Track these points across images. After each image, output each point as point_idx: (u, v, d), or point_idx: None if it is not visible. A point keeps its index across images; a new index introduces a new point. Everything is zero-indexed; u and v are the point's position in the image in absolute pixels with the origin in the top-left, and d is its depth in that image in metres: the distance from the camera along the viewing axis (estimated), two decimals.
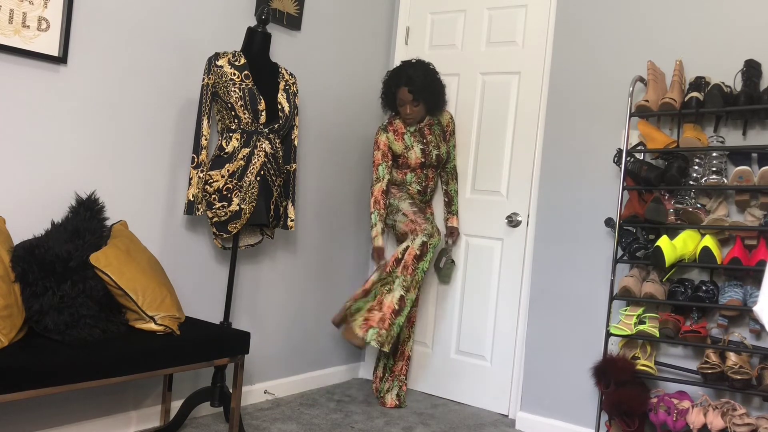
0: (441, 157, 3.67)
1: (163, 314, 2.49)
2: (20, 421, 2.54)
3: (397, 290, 3.39)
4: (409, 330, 3.73)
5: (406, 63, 3.59)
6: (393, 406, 3.62)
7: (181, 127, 3.05)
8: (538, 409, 3.49)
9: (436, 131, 3.68)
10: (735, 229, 2.88)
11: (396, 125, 3.65)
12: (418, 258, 3.48)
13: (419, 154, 3.61)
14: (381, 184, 3.59)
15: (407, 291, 3.40)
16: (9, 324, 2.13)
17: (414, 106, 3.54)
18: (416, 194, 3.70)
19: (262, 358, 3.54)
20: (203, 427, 3.06)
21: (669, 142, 3.03)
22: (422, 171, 3.67)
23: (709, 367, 2.82)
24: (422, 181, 3.68)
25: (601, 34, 3.43)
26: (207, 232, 3.19)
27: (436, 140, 3.66)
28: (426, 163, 3.65)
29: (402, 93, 3.53)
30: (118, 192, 2.82)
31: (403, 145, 3.61)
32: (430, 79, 3.54)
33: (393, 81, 3.57)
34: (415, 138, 3.63)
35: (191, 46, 3.06)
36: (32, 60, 2.50)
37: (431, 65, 3.60)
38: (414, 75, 3.50)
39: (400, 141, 3.62)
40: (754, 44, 3.03)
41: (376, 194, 3.58)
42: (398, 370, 3.70)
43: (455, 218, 3.84)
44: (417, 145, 3.62)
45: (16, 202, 2.49)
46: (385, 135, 3.62)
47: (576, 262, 3.42)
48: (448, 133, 3.74)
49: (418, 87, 3.49)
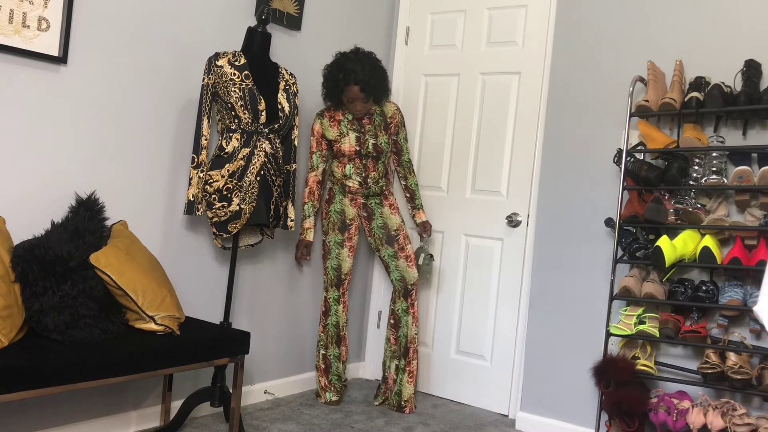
0: (379, 146, 3.53)
1: (163, 314, 2.49)
2: (20, 421, 2.54)
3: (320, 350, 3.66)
4: (415, 325, 3.62)
5: (348, 56, 3.41)
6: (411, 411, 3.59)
7: (181, 127, 3.05)
8: (538, 409, 3.49)
9: (377, 120, 3.56)
10: (735, 229, 2.88)
11: (333, 112, 3.55)
12: (325, 314, 3.65)
13: (353, 142, 3.51)
14: (316, 174, 3.58)
15: (326, 348, 3.63)
16: (9, 324, 2.13)
17: (364, 101, 3.44)
18: (357, 188, 3.58)
19: (262, 358, 3.54)
20: (203, 427, 3.06)
21: (669, 142, 3.03)
22: (360, 161, 3.55)
23: (709, 367, 2.82)
24: (361, 172, 3.56)
25: (601, 34, 3.43)
26: (207, 232, 3.19)
27: (375, 129, 3.55)
28: (362, 152, 3.53)
29: (352, 92, 3.38)
30: (118, 192, 2.82)
31: (337, 132, 3.52)
32: (377, 71, 3.42)
33: (340, 78, 3.38)
34: (352, 126, 3.53)
35: (191, 46, 3.06)
36: (32, 60, 2.50)
37: (372, 54, 3.46)
38: (361, 71, 3.35)
39: (336, 128, 3.53)
40: (754, 44, 3.03)
41: (310, 184, 3.57)
42: (413, 369, 3.61)
43: (421, 212, 3.76)
44: (352, 132, 3.52)
45: (16, 202, 2.49)
46: (320, 121, 3.55)
47: (576, 262, 3.42)
48: (393, 124, 3.61)
49: (369, 84, 3.37)
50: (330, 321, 3.62)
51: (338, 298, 3.62)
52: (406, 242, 3.62)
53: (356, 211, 3.64)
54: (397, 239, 3.61)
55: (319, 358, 3.64)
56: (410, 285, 3.61)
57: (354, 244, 3.64)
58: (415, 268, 3.61)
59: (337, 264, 3.59)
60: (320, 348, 3.63)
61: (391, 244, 3.61)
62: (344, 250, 3.60)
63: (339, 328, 3.64)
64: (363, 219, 3.66)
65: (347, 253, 3.61)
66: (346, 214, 3.60)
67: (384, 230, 3.62)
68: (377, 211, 3.63)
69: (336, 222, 3.59)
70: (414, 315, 3.63)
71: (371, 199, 3.64)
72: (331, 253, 3.59)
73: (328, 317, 3.62)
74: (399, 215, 3.65)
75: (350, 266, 3.63)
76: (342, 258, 3.60)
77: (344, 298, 3.65)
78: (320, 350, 3.63)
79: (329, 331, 3.62)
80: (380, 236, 3.63)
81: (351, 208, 3.62)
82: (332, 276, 3.60)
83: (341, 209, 3.60)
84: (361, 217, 3.65)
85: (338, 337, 3.65)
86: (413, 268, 3.60)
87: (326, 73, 3.47)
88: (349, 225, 3.61)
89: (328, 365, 3.63)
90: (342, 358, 3.67)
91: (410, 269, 3.60)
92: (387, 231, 3.62)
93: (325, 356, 3.62)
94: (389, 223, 3.62)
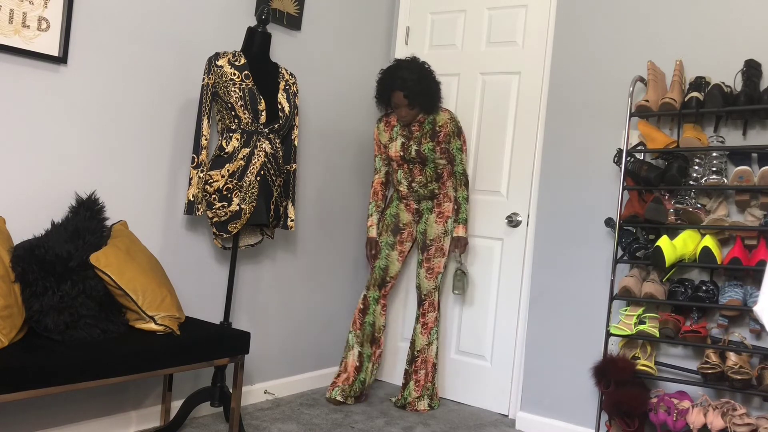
0: (422, 153, 3.56)
1: (163, 314, 2.49)
2: (20, 421, 2.54)
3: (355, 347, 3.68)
4: (427, 336, 3.63)
5: (400, 63, 3.51)
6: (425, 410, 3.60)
7: (181, 127, 3.05)
8: (538, 409, 3.49)
9: (426, 128, 3.59)
10: (735, 229, 2.88)
11: (390, 117, 3.69)
12: (362, 312, 3.67)
13: (398, 147, 3.60)
14: (378, 176, 3.74)
15: (361, 346, 3.66)
16: (9, 324, 2.13)
17: (409, 109, 3.49)
18: (406, 192, 3.66)
19: (262, 358, 3.54)
20: (203, 427, 3.06)
21: (669, 142, 3.03)
22: (407, 166, 3.63)
23: (709, 367, 2.82)
24: (408, 177, 3.64)
25: (601, 34, 3.43)
26: (207, 232, 3.19)
27: (421, 136, 3.59)
28: (405, 157, 3.59)
29: (396, 97, 3.46)
30: (118, 192, 2.82)
31: (388, 137, 3.66)
32: (425, 81, 3.48)
33: (387, 83, 3.48)
34: (402, 132, 3.63)
35: (191, 46, 3.06)
36: (32, 60, 2.50)
37: (426, 64, 3.52)
38: (408, 78, 3.41)
39: (388, 132, 3.67)
40: (754, 44, 3.03)
41: (375, 186, 3.75)
42: (423, 379, 3.62)
43: (460, 227, 3.63)
44: (400, 138, 3.62)
45: (16, 202, 2.49)
46: (377, 126, 3.72)
47: (576, 262, 3.42)
48: (443, 133, 3.58)
49: (413, 91, 3.42)
50: (367, 319, 3.66)
51: (378, 299, 3.68)
52: (436, 254, 3.62)
53: (411, 216, 3.70)
54: (429, 249, 3.63)
55: (348, 355, 3.66)
56: (423, 294, 3.64)
57: (405, 249, 3.70)
58: (432, 281, 3.62)
59: (385, 264, 3.67)
60: (354, 345, 3.65)
61: (423, 251, 3.66)
62: (394, 252, 3.68)
63: (375, 329, 3.68)
64: (415, 224, 3.71)
65: (396, 256, 3.68)
66: (401, 218, 3.70)
67: (423, 236, 3.67)
68: (425, 216, 3.68)
69: (389, 224, 3.70)
70: (424, 324, 3.64)
71: (423, 203, 3.68)
72: (381, 253, 3.67)
73: (365, 315, 3.66)
74: (444, 226, 3.64)
75: (397, 270, 3.70)
76: (391, 260, 3.67)
77: (384, 300, 3.70)
78: (354, 347, 3.65)
79: (365, 329, 3.66)
80: (420, 241, 3.69)
81: (406, 213, 3.70)
82: (377, 275, 3.67)
83: (396, 213, 3.71)
84: (414, 222, 3.71)
85: (373, 337, 3.68)
86: (431, 280, 3.62)
87: (379, 77, 3.59)
88: (402, 229, 3.69)
89: (360, 364, 3.65)
90: (372, 359, 3.68)
91: (427, 280, 3.62)
92: (424, 238, 3.66)
93: (360, 354, 3.65)
94: (428, 231, 3.65)
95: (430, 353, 3.63)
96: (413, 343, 3.65)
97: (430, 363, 3.63)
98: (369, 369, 3.67)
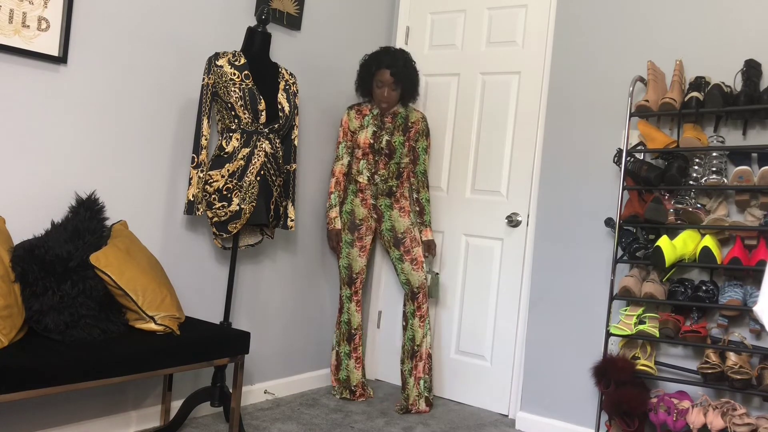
0: (392, 144, 3.58)
1: (163, 314, 2.49)
2: (20, 421, 2.54)
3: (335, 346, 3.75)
4: (422, 329, 3.63)
5: (387, 48, 3.59)
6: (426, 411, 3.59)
7: (181, 127, 3.05)
8: (538, 409, 3.49)
9: (399, 122, 3.63)
10: (735, 229, 2.88)
11: (362, 107, 3.69)
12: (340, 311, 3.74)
13: (369, 135, 3.60)
14: (341, 165, 3.68)
15: (339, 345, 3.72)
16: (9, 324, 2.13)
17: (392, 89, 3.55)
18: (366, 185, 3.64)
19: (262, 358, 3.54)
20: (203, 427, 3.06)
21: (669, 142, 3.03)
22: (373, 157, 3.62)
23: (709, 367, 2.82)
24: (371, 168, 3.63)
25: (601, 34, 3.43)
26: (207, 232, 3.19)
27: (393, 128, 3.62)
28: (375, 147, 3.60)
29: (382, 74, 3.52)
30: (118, 192, 2.82)
31: (359, 124, 3.65)
32: (410, 67, 3.59)
33: (373, 62, 3.55)
34: (374, 120, 3.63)
35: (191, 46, 3.06)
36: (32, 60, 2.50)
37: (409, 54, 3.62)
38: (398, 58, 3.53)
39: (359, 120, 3.66)
40: (754, 44, 3.03)
41: (336, 175, 3.68)
42: (422, 371, 3.62)
43: (428, 230, 3.71)
44: (372, 127, 3.62)
45: (16, 202, 2.49)
46: (347, 113, 3.70)
47: (576, 262, 3.42)
48: (414, 130, 3.65)
49: (400, 72, 3.51)
50: (343, 318, 3.71)
51: (350, 296, 3.69)
52: (413, 245, 3.63)
53: (367, 211, 3.68)
54: (404, 242, 3.63)
55: (332, 355, 3.74)
56: (416, 288, 3.63)
57: (366, 244, 3.69)
58: (421, 272, 3.62)
59: (347, 263, 3.68)
60: (334, 344, 3.72)
61: (398, 246, 3.64)
62: (354, 249, 3.66)
63: (350, 326, 3.68)
64: (374, 221, 3.70)
65: (357, 252, 3.67)
66: (356, 214, 3.67)
67: (392, 233, 3.66)
68: (386, 214, 3.67)
69: (346, 222, 3.68)
70: (422, 318, 3.63)
71: (381, 200, 3.67)
72: (342, 252, 3.68)
73: (341, 314, 3.71)
74: (409, 218, 3.66)
75: (362, 266, 3.69)
76: (352, 257, 3.66)
77: (357, 296, 3.71)
78: (334, 346, 3.72)
79: (342, 328, 3.71)
80: (389, 239, 3.68)
81: (362, 208, 3.67)
82: (344, 274, 3.69)
83: (351, 209, 3.68)
84: (372, 218, 3.69)
85: (349, 334, 3.68)
86: (418, 271, 3.62)
87: (362, 61, 3.62)
88: (359, 225, 3.67)
89: (338, 362, 3.70)
90: (353, 356, 3.69)
91: (415, 272, 3.61)
92: (395, 233, 3.65)
93: (338, 353, 3.71)
94: (397, 226, 3.65)
95: (426, 345, 3.65)
96: (413, 338, 3.65)
97: (426, 353, 3.64)
98: (351, 366, 3.68)
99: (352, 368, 3.69)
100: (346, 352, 3.69)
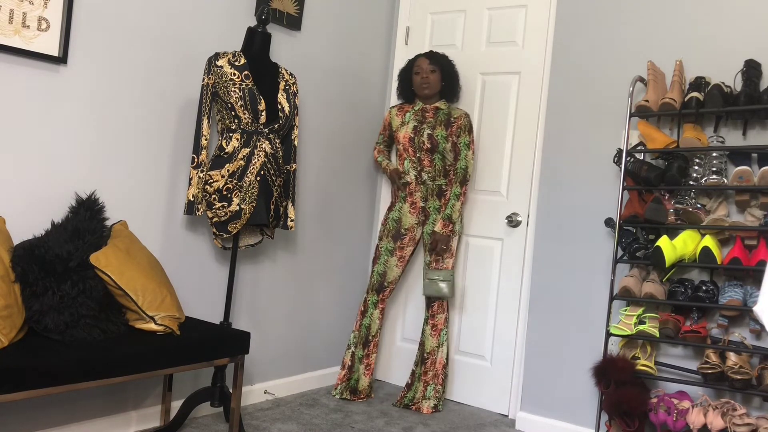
0: (434, 138, 3.57)
1: (163, 314, 2.49)
2: (20, 421, 2.54)
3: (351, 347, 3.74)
4: (437, 338, 3.63)
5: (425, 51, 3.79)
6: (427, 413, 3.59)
7: (181, 127, 3.05)
8: (538, 409, 3.49)
9: (440, 117, 3.64)
10: (735, 229, 2.88)
11: (404, 105, 3.80)
12: (362, 314, 3.73)
13: (410, 130, 3.65)
14: (379, 146, 3.91)
15: (356, 347, 3.72)
16: (9, 324, 2.13)
17: (431, 72, 3.63)
18: (414, 187, 3.65)
19: (262, 358, 3.54)
20: (203, 427, 3.06)
21: (669, 142, 3.03)
22: (415, 154, 3.64)
23: (709, 367, 2.82)
24: (416, 166, 3.64)
25: (601, 34, 3.43)
26: (207, 232, 3.20)
27: (435, 123, 3.63)
28: (415, 142, 3.62)
29: (420, 62, 3.67)
30: (118, 192, 2.82)
31: (400, 121, 3.74)
32: (448, 61, 3.72)
33: (411, 60, 3.74)
34: (416, 117, 3.69)
35: (191, 46, 3.06)
36: (32, 60, 2.50)
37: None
38: (432, 52, 3.70)
39: (401, 117, 3.75)
40: (754, 44, 3.03)
41: (375, 154, 3.92)
42: (432, 380, 3.62)
43: (441, 222, 3.56)
44: (413, 122, 3.68)
45: (16, 202, 2.49)
46: (390, 111, 3.83)
47: (576, 262, 3.42)
48: (456, 125, 3.61)
49: (438, 57, 3.66)
50: (364, 322, 3.70)
51: (376, 303, 3.69)
52: (445, 256, 3.61)
53: (415, 218, 3.66)
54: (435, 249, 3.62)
55: (346, 354, 3.72)
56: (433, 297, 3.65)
57: (405, 254, 3.69)
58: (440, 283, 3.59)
59: (382, 270, 3.67)
60: (351, 345, 3.70)
61: (432, 252, 3.65)
62: (393, 258, 3.67)
63: (369, 332, 3.68)
64: (419, 226, 3.68)
65: (396, 261, 3.67)
66: (403, 223, 3.67)
67: (429, 236, 3.65)
68: (432, 217, 3.66)
69: (390, 229, 3.69)
70: (434, 326, 3.64)
71: (430, 201, 3.65)
72: (380, 259, 3.68)
73: (363, 317, 3.70)
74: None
75: (396, 276, 3.69)
76: (389, 266, 3.67)
77: (382, 305, 3.71)
78: (351, 347, 3.70)
79: (362, 331, 3.70)
80: (426, 242, 3.68)
81: (410, 215, 3.67)
82: (375, 280, 3.68)
83: (399, 217, 3.69)
84: (417, 226, 3.68)
85: (366, 340, 3.69)
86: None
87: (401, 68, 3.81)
88: (403, 235, 3.67)
89: (352, 363, 3.69)
90: (365, 361, 3.68)
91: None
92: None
93: (353, 354, 3.70)
94: None
95: (441, 355, 3.63)
96: (422, 344, 3.66)
97: (441, 365, 3.62)
98: (361, 370, 3.68)
99: (361, 374, 3.69)
100: (360, 356, 3.69)
